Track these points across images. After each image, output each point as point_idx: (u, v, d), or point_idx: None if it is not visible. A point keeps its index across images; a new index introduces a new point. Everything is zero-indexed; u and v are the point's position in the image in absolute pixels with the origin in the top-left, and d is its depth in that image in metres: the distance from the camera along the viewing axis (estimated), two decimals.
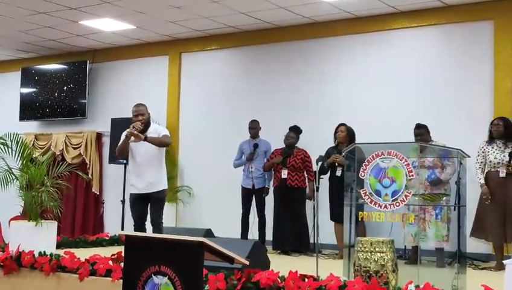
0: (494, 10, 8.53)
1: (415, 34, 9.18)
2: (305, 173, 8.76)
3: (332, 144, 8.43)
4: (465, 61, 8.75)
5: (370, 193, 5.15)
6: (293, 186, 8.69)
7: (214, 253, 3.45)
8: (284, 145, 8.89)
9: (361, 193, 5.20)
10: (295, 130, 8.93)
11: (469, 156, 5.56)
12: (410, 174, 5.05)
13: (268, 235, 8.97)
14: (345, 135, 8.23)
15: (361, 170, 5.18)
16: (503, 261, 4.52)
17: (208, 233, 7.87)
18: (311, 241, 8.68)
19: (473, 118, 8.57)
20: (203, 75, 10.95)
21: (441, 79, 8.88)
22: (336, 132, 8.34)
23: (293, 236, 8.62)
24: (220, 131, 10.55)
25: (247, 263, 3.53)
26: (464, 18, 8.77)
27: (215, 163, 10.37)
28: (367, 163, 5.18)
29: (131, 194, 7.21)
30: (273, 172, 8.99)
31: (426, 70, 9.01)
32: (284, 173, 8.70)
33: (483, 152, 7.43)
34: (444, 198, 6.34)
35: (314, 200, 8.65)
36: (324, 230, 8.25)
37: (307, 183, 8.78)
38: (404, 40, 9.24)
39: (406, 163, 5.07)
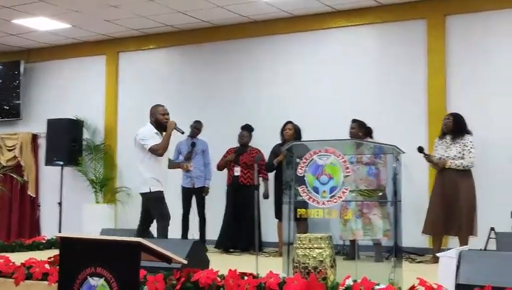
0: (427, 9, 8.74)
1: (351, 33, 9.31)
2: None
3: (273, 143, 8.47)
4: (400, 59, 8.94)
5: (308, 190, 5.19)
6: (244, 184, 8.71)
7: (152, 253, 3.42)
8: (238, 144, 8.92)
9: (300, 190, 5.24)
10: (248, 129, 8.96)
11: (404, 152, 5.67)
12: (347, 171, 5.12)
13: (212, 235, 8.98)
14: (293, 133, 8.28)
15: (299, 167, 5.22)
16: (437, 254, 4.64)
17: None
18: (262, 239, 8.75)
19: (408, 115, 8.76)
20: (141, 74, 10.85)
21: (378, 77, 9.04)
22: (283, 130, 8.37)
23: (244, 235, 8.61)
24: None
25: (186, 262, 3.51)
26: (398, 17, 8.96)
27: None
28: (305, 160, 5.22)
29: (162, 191, 6.98)
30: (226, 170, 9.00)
31: (363, 69, 9.16)
32: (237, 171, 8.75)
33: (435, 147, 7.60)
34: (380, 193, 6.45)
35: (265, 198, 8.74)
36: (273, 228, 8.30)
37: (260, 181, 8.79)
38: (341, 39, 9.37)
39: (342, 160, 5.13)
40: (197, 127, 9.20)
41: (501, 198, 7.89)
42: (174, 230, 8.92)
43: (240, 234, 8.64)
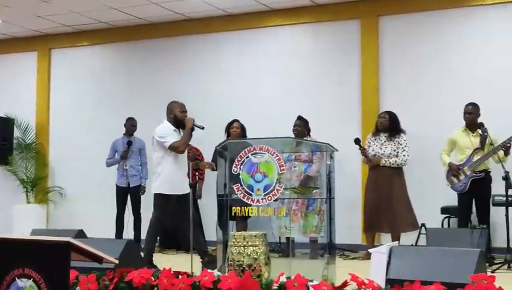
0: (360, 10, 8.87)
1: (287, 32, 9.37)
2: (197, 170, 8.71)
3: (210, 141, 8.41)
4: (335, 59, 9.05)
5: (243, 188, 5.21)
6: None
7: (83, 253, 3.36)
8: None
9: (235, 188, 5.25)
10: None
11: (337, 150, 5.74)
12: (282, 168, 5.15)
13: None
14: (240, 132, 8.24)
15: (234, 165, 5.23)
16: (369, 250, 4.73)
17: (80, 234, 7.60)
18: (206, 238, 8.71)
19: (343, 114, 8.88)
20: (75, 71, 10.65)
21: (313, 76, 9.13)
22: (230, 128, 8.31)
23: (175, 233, 8.56)
24: (93, 129, 10.30)
25: (116, 261, 3.47)
26: (333, 17, 9.06)
27: (87, 162, 10.11)
28: (239, 159, 5.23)
29: (169, 196, 6.60)
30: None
31: (299, 68, 9.23)
32: None
33: (368, 143, 7.72)
34: (314, 191, 6.52)
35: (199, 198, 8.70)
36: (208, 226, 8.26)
37: (195, 179, 8.74)
38: (277, 37, 9.41)
39: (277, 158, 5.16)
40: (132, 125, 9.10)
41: (431, 195, 8.09)
42: (109, 230, 8.85)
43: (178, 233, 8.58)
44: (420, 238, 7.67)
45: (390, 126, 7.68)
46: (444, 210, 7.95)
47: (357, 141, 7.66)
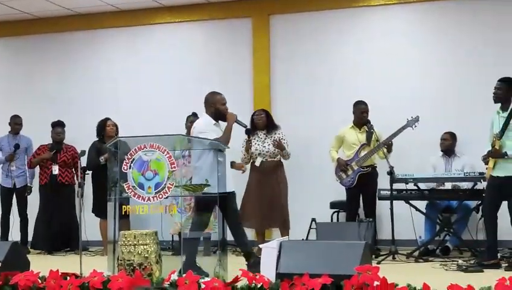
0: (252, 8, 8.96)
1: (178, 29, 9.33)
2: (73, 170, 8.54)
3: (95, 139, 8.28)
4: (228, 57, 9.10)
5: (133, 186, 5.16)
6: (63, 183, 8.47)
7: None
8: (52, 141, 8.61)
9: (125, 186, 5.19)
10: (62, 126, 8.67)
11: (228, 147, 5.79)
12: (173, 166, 5.15)
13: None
14: (115, 130, 8.22)
15: (124, 163, 5.17)
16: (259, 245, 4.80)
17: None
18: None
19: (235, 111, 8.89)
20: None
21: (205, 74, 9.12)
22: (105, 126, 8.21)
23: (63, 234, 8.39)
24: None
25: None
26: (225, 15, 9.11)
27: None
28: (129, 156, 5.18)
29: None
30: (38, 169, 8.62)
31: (193, 65, 9.20)
32: (55, 169, 8.45)
33: (248, 143, 7.78)
34: (206, 188, 6.52)
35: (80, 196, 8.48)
36: (96, 227, 8.09)
37: (75, 180, 8.55)
38: (168, 35, 9.35)
39: (168, 155, 5.16)
40: (17, 123, 8.80)
41: (321, 190, 8.30)
42: None
43: (61, 233, 8.38)
44: (310, 233, 7.85)
45: (268, 122, 7.82)
46: (333, 205, 8.18)
47: (247, 132, 7.60)
